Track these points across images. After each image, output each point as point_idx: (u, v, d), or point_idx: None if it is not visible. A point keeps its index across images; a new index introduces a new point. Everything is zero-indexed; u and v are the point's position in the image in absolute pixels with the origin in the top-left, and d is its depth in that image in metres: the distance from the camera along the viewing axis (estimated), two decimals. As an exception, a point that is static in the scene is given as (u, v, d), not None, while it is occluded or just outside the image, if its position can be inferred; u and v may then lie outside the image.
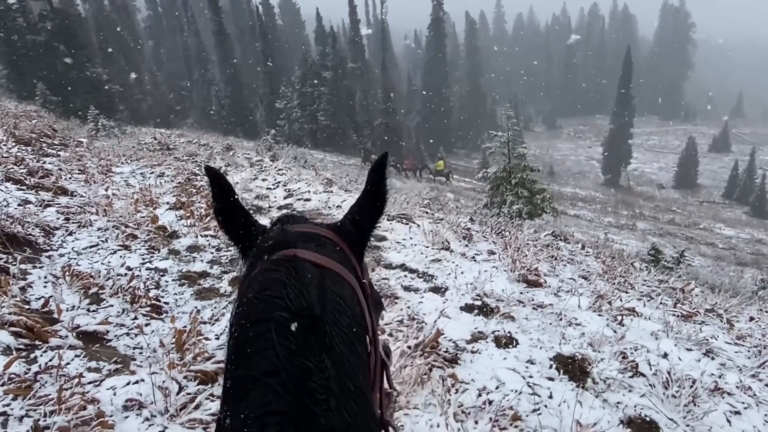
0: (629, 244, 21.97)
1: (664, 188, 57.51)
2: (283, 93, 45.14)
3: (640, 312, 5.16)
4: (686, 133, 73.57)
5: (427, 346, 3.63)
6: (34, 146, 9.71)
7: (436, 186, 28.67)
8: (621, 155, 58.48)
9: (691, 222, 38.06)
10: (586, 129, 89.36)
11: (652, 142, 79.13)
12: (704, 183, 59.29)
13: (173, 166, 10.32)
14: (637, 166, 64.13)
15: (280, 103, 44.73)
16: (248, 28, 57.72)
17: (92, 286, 4.12)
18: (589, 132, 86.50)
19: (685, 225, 36.55)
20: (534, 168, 13.62)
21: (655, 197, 51.66)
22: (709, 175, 61.25)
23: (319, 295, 0.87)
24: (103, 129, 19.39)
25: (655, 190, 56.78)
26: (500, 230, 8.70)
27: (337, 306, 0.89)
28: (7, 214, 4.99)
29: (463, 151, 69.88)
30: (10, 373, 2.87)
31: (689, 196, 53.66)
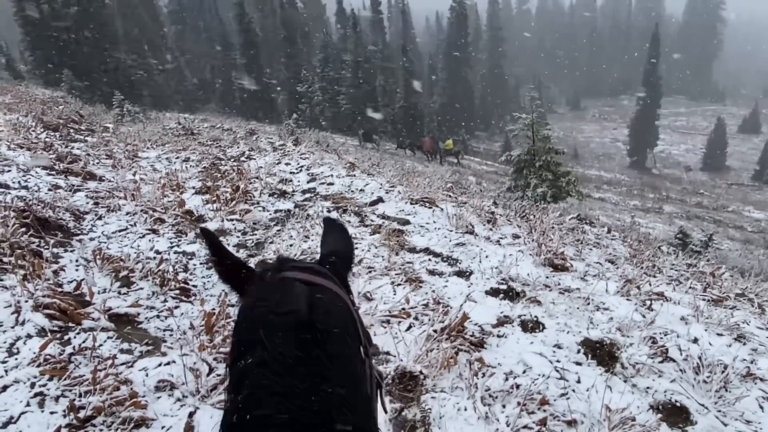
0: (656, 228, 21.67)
1: (692, 170, 56.32)
2: (304, 77, 45.09)
3: (669, 297, 5.08)
4: (715, 113, 71.73)
5: (453, 329, 3.62)
6: (61, 132, 9.88)
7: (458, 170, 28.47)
8: (647, 137, 57.28)
9: (720, 205, 37.25)
10: (612, 110, 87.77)
11: (680, 124, 77.40)
12: (733, 165, 57.84)
13: (198, 151, 10.40)
14: (663, 148, 62.84)
15: (302, 87, 44.70)
16: (270, 13, 57.59)
17: (122, 269, 4.19)
18: (615, 113, 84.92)
19: (713, 208, 35.79)
20: (559, 150, 13.42)
21: (682, 180, 50.62)
22: (739, 157, 59.73)
23: (309, 308, 0.93)
24: (128, 114, 19.60)
25: (682, 172, 55.63)
26: (524, 214, 8.61)
27: (326, 313, 0.95)
28: (38, 199, 5.10)
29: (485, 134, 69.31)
30: (45, 354, 2.95)
31: (717, 179, 52.46)
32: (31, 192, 5.51)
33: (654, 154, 58.68)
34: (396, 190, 8.22)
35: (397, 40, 60.78)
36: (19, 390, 2.70)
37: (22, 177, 6.01)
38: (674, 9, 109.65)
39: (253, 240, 5.70)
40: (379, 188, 8.22)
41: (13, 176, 5.91)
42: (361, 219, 6.58)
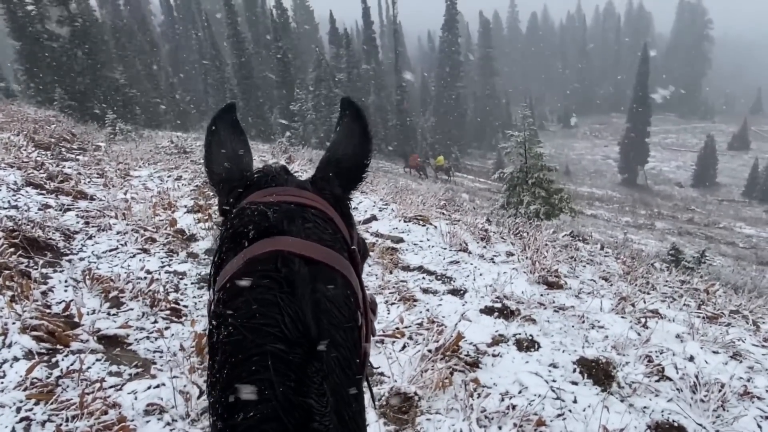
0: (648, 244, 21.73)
1: (683, 187, 56.79)
2: (297, 95, 45.28)
3: (664, 314, 5.07)
4: (704, 130, 72.61)
5: (448, 349, 3.59)
6: (53, 151, 9.83)
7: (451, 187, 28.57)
8: (638, 154, 57.78)
9: (711, 221, 37.50)
10: (603, 128, 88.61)
11: (670, 141, 78.21)
12: (723, 181, 58.40)
13: (190, 169, 10.37)
14: (654, 165, 63.39)
15: (295, 105, 44.86)
16: (263, 32, 58.02)
17: (112, 289, 4.13)
18: (606, 131, 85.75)
19: (704, 224, 36.02)
20: (551, 167, 13.50)
21: (673, 196, 51.01)
22: (729, 173, 60.32)
23: (314, 312, 0.76)
24: (120, 133, 19.58)
25: (673, 188, 56.10)
26: (518, 231, 8.62)
27: (333, 319, 0.79)
28: (27, 219, 5.03)
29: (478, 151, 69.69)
30: (32, 378, 2.88)
31: (708, 195, 52.88)
32: (21, 211, 5.44)
33: (645, 170, 59.14)
34: (389, 207, 8.21)
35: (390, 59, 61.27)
36: (5, 415, 2.63)
37: (11, 196, 5.95)
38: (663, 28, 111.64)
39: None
40: (372, 206, 8.21)
41: (2, 195, 5.85)
42: (355, 237, 6.55)
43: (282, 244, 0.82)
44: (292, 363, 0.69)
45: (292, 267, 0.79)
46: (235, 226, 0.88)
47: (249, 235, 0.84)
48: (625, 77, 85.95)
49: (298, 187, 0.98)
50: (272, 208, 0.89)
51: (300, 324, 0.73)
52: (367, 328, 0.93)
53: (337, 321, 0.79)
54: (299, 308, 0.74)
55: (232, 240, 0.87)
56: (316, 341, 0.72)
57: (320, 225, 0.91)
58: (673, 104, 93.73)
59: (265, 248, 0.81)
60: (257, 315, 0.73)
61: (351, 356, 0.79)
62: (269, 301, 0.74)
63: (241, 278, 0.79)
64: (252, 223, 0.86)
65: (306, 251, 0.83)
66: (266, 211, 0.88)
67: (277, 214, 0.88)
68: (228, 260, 0.85)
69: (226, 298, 0.79)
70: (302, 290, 0.77)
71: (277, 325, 0.71)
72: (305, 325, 0.73)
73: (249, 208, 0.90)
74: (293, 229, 0.86)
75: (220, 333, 0.75)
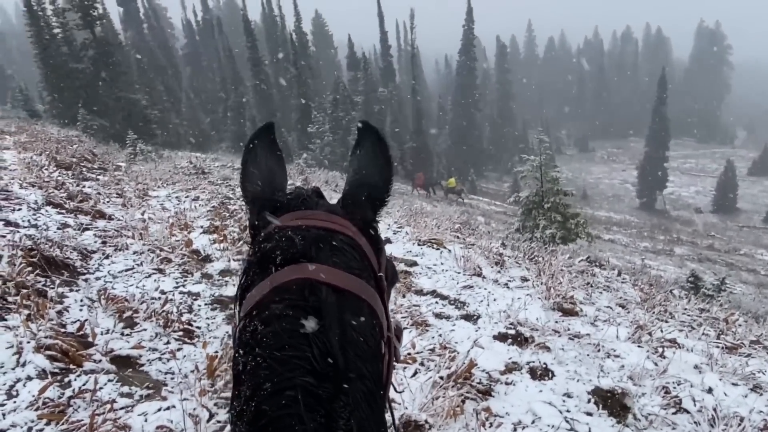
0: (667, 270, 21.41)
1: (702, 213, 55.98)
2: (315, 118, 45.78)
3: (682, 343, 4.98)
4: (724, 156, 71.90)
5: (460, 376, 3.54)
6: (74, 170, 10.01)
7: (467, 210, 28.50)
8: (656, 179, 57.27)
9: (731, 247, 36.86)
10: (620, 152, 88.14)
11: (689, 166, 77.47)
12: (744, 207, 57.53)
13: (207, 190, 10.49)
14: (673, 190, 62.74)
15: (312, 127, 45.33)
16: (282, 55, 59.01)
17: (127, 309, 4.16)
18: (623, 155, 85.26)
19: (724, 251, 35.40)
20: (567, 192, 13.43)
21: (692, 222, 50.30)
22: (749, 200, 59.47)
23: (341, 343, 0.75)
24: (140, 153, 19.90)
25: (692, 214, 55.32)
26: (533, 256, 8.55)
27: (360, 351, 0.78)
28: (46, 238, 5.11)
29: (494, 174, 69.64)
30: (44, 398, 2.90)
31: (728, 221, 52.07)
32: (40, 231, 5.54)
33: (664, 195, 58.56)
34: (404, 230, 8.21)
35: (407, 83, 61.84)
36: (16, 435, 2.65)
37: (32, 215, 6.06)
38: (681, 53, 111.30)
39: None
40: (386, 229, 8.21)
41: (23, 215, 5.96)
42: (368, 260, 6.54)
43: (309, 271, 0.82)
44: (322, 398, 0.68)
45: (319, 296, 0.79)
46: (263, 250, 0.89)
47: (276, 260, 0.85)
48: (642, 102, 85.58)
49: (328, 212, 0.99)
50: (300, 234, 0.89)
51: (328, 356, 0.72)
52: (390, 356, 0.94)
53: (363, 353, 0.79)
54: (327, 340, 0.74)
55: (260, 264, 0.87)
56: (343, 374, 0.72)
57: (348, 252, 0.92)
58: (692, 129, 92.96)
59: (292, 275, 0.82)
60: (286, 346, 0.73)
61: (376, 389, 0.79)
62: (297, 332, 0.74)
63: (268, 306, 0.79)
64: (280, 248, 0.87)
65: (333, 279, 0.83)
66: (294, 237, 0.88)
67: (304, 240, 0.88)
68: (255, 284, 0.85)
69: (254, 326, 0.78)
70: (329, 320, 0.77)
71: (306, 358, 0.71)
72: (333, 358, 0.73)
73: (277, 233, 0.91)
74: (321, 256, 0.86)
75: (248, 362, 0.75)
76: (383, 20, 54.55)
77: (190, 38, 64.61)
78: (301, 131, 47.93)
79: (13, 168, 8.56)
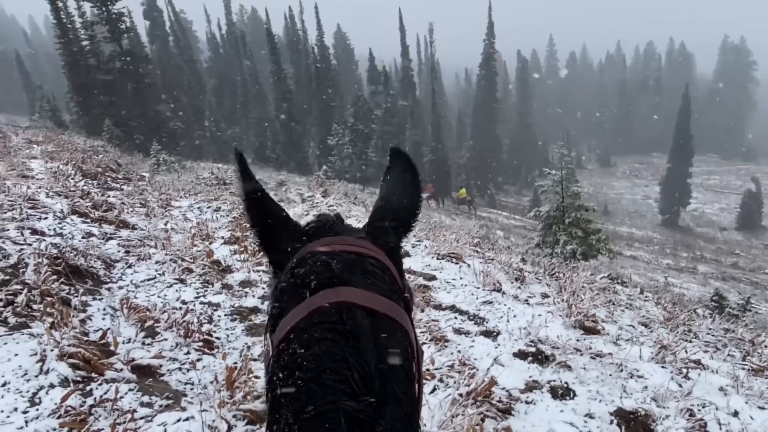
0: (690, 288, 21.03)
1: (726, 230, 54.90)
2: (335, 130, 46.11)
3: (707, 365, 4.86)
4: (749, 172, 70.70)
5: (479, 394, 3.50)
6: (99, 180, 10.18)
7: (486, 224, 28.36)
8: (679, 195, 56.46)
9: (756, 266, 36.05)
10: (642, 167, 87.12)
11: (713, 182, 76.21)
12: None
13: (229, 201, 10.58)
14: (696, 207, 61.73)
15: (332, 139, 45.63)
16: (304, 68, 59.66)
17: (148, 319, 4.20)
18: (646, 170, 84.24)
19: (749, 269, 34.65)
20: (589, 207, 13.29)
21: (716, 239, 49.39)
22: (776, 218, 58.25)
23: (378, 367, 0.76)
24: (164, 164, 20.20)
25: (716, 231, 54.33)
26: (554, 272, 8.45)
27: (396, 374, 0.79)
28: (71, 247, 5.19)
29: (514, 188, 69.36)
30: (66, 406, 2.93)
31: (753, 239, 50.95)
32: (65, 239, 5.63)
33: (687, 212, 57.67)
34: (423, 244, 8.19)
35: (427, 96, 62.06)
36: (38, 443, 2.67)
37: (57, 224, 6.16)
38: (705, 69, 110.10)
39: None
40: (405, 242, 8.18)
41: (49, 223, 6.06)
42: (387, 274, 6.52)
43: (345, 295, 0.83)
44: (363, 422, 0.69)
45: (356, 319, 0.80)
46: (297, 275, 0.89)
47: (311, 285, 0.86)
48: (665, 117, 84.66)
49: (356, 237, 1.00)
50: (333, 258, 0.90)
51: (367, 380, 0.73)
52: (420, 376, 0.93)
53: (399, 376, 0.79)
54: (365, 363, 0.75)
55: (294, 289, 0.88)
56: (381, 398, 0.72)
57: (379, 275, 0.93)
58: (716, 145, 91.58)
59: (329, 299, 0.82)
60: (327, 370, 0.73)
61: (412, 411, 0.79)
62: (338, 356, 0.74)
63: (306, 330, 0.80)
64: (314, 273, 0.88)
65: (368, 303, 0.84)
66: (329, 261, 0.89)
67: (338, 264, 0.89)
68: (288, 309, 0.85)
69: (293, 349, 0.79)
70: (366, 344, 0.77)
71: (347, 381, 0.72)
72: (371, 381, 0.73)
73: (310, 258, 0.92)
74: (354, 279, 0.87)
75: (288, 385, 0.75)
76: (405, 34, 54.95)
77: (214, 51, 65.63)
78: (321, 143, 48.28)
79: (40, 177, 8.73)
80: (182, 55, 53.21)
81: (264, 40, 53.34)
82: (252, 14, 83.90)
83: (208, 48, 67.78)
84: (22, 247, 4.75)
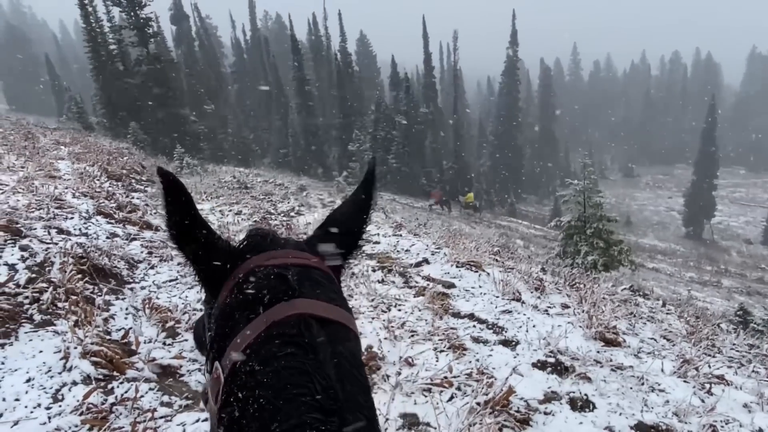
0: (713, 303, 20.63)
1: (752, 244, 53.83)
2: (356, 136, 46.27)
3: (730, 380, 4.76)
4: (776, 185, 69.32)
5: (497, 403, 3.47)
6: (124, 182, 10.35)
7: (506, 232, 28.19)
8: (704, 207, 55.54)
9: (783, 281, 35.29)
10: (666, 178, 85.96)
11: (739, 195, 74.83)
12: (797, 240, 55.10)
13: (250, 205, 10.69)
14: (721, 219, 60.64)
15: (353, 146, 45.80)
16: (326, 74, 60.06)
17: (169, 319, 4.26)
18: (669, 182, 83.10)
19: (775, 284, 33.93)
20: (611, 218, 13.14)
21: (741, 253, 48.43)
22: (803, 231, 56.90)
23: (338, 376, 0.76)
24: (187, 167, 20.45)
25: (741, 245, 53.29)
26: (574, 282, 8.36)
27: (355, 381, 0.79)
28: (96, 247, 5.28)
29: (534, 197, 68.86)
30: (88, 403, 2.97)
31: (780, 253, 49.94)
32: (90, 239, 5.72)
33: (711, 225, 56.68)
34: (442, 251, 8.16)
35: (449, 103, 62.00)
36: (60, 438, 2.71)
37: (83, 224, 6.27)
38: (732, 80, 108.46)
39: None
40: (425, 249, 8.18)
41: (75, 223, 6.17)
42: (406, 280, 6.53)
43: (301, 306, 0.83)
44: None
45: (313, 331, 0.80)
46: (246, 291, 0.88)
47: (264, 299, 0.85)
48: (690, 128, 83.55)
49: (298, 249, 1.00)
50: (281, 272, 0.90)
51: (330, 391, 0.73)
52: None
53: (358, 383, 0.80)
54: (326, 375, 0.75)
55: (245, 306, 0.86)
56: (344, 407, 0.72)
57: (327, 285, 0.93)
58: (742, 157, 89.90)
59: (285, 312, 0.82)
60: (289, 385, 0.73)
61: (372, 416, 0.79)
62: (299, 369, 0.74)
63: (264, 345, 0.79)
64: (266, 287, 0.87)
65: (323, 312, 0.84)
66: (283, 274, 0.89)
67: (288, 277, 0.89)
68: (239, 325, 0.84)
69: (250, 367, 0.77)
70: (325, 355, 0.78)
71: (310, 394, 0.72)
72: (334, 391, 0.73)
73: (259, 272, 0.91)
74: (306, 291, 0.87)
75: (248, 405, 0.74)
76: (428, 42, 55.03)
77: (238, 56, 66.37)
78: (342, 149, 48.49)
79: (67, 177, 8.90)
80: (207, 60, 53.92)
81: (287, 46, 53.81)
82: (276, 20, 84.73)
83: (233, 53, 68.57)
84: (48, 246, 4.84)
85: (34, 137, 13.60)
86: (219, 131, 44.64)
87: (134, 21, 30.59)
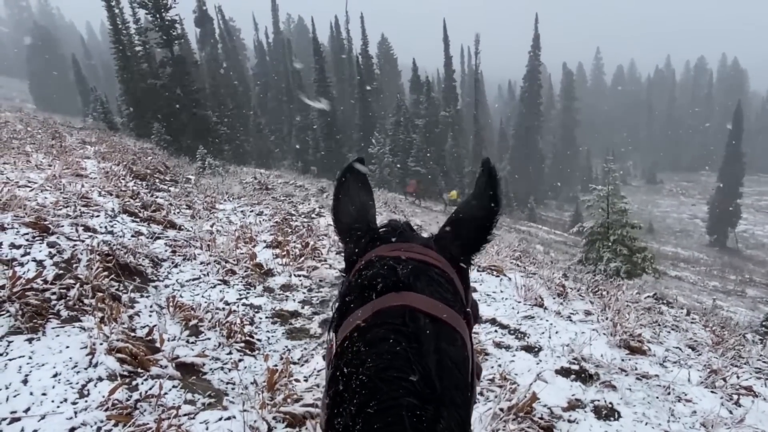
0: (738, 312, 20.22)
1: (778, 252, 52.78)
2: (376, 139, 46.33)
3: (759, 392, 4.65)
4: (804, 194, 67.85)
5: (520, 410, 3.43)
6: (148, 181, 10.47)
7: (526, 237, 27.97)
8: (728, 215, 54.60)
9: (810, 292, 34.49)
10: (690, 185, 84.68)
11: (765, 203, 73.40)
12: (825, 250, 53.90)
13: (271, 206, 10.74)
14: (746, 228, 59.56)
15: (373, 148, 45.87)
16: (348, 76, 60.27)
17: (193, 318, 4.28)
18: (693, 189, 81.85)
19: (802, 295, 33.17)
20: (635, 225, 12.96)
21: (766, 262, 47.47)
22: (831, 241, 55.69)
23: (438, 369, 0.77)
24: (209, 167, 20.65)
25: (766, 254, 52.23)
26: (597, 289, 8.26)
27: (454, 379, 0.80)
28: (121, 245, 5.34)
29: (555, 202, 68.33)
30: (114, 399, 2.99)
31: (807, 263, 48.83)
32: (116, 237, 5.79)
33: (736, 233, 55.64)
34: (463, 255, 8.10)
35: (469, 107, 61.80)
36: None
37: (108, 222, 6.35)
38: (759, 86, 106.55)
39: (318, 297, 5.72)
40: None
41: (101, 221, 6.25)
42: (427, 284, 6.49)
43: (409, 299, 0.85)
44: (425, 418, 0.70)
45: (419, 323, 0.82)
46: (364, 277, 0.93)
47: (377, 287, 0.88)
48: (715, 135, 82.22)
49: (423, 245, 1.02)
50: (399, 264, 0.93)
51: (428, 381, 0.74)
52: (474, 390, 0.94)
53: (457, 382, 0.81)
54: (426, 365, 0.76)
55: (361, 290, 0.91)
56: (440, 399, 0.74)
57: (443, 284, 0.94)
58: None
59: (393, 302, 0.85)
60: (390, 368, 0.75)
61: (467, 417, 0.81)
62: (400, 355, 0.76)
63: (370, 329, 0.82)
64: (381, 276, 0.90)
65: (431, 309, 0.85)
66: (395, 266, 0.92)
67: (404, 270, 0.91)
68: (353, 309, 0.88)
69: (357, 347, 0.81)
70: (427, 347, 0.79)
71: (408, 380, 0.73)
72: (432, 382, 0.74)
73: (378, 261, 0.95)
74: (419, 285, 0.89)
75: (351, 381, 0.77)
76: (449, 45, 54.99)
77: (260, 58, 66.93)
78: (362, 151, 48.56)
79: (93, 176, 9.03)
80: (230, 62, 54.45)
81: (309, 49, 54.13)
82: (299, 23, 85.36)
83: (255, 55, 69.17)
84: (75, 243, 4.91)
85: (60, 136, 13.83)
86: (241, 132, 45.02)
87: (159, 23, 30.97)
